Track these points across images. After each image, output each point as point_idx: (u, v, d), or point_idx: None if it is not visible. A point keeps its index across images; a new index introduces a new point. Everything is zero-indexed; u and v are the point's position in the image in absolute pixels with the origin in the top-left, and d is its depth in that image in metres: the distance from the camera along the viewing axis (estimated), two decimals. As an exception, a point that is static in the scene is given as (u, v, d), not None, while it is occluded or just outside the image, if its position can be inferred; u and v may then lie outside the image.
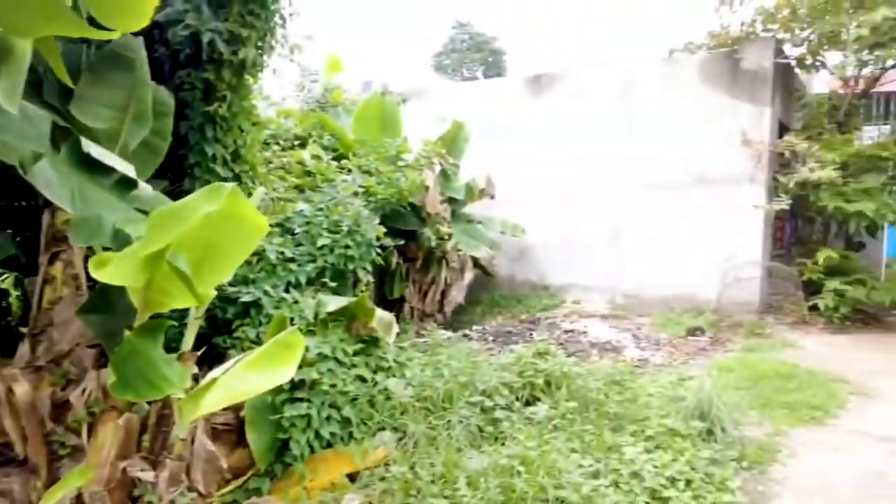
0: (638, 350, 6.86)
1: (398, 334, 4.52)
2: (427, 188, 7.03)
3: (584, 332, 7.69)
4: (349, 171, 6.50)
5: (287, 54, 4.73)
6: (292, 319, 3.81)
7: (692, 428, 3.84)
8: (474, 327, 8.19)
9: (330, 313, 4.01)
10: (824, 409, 4.63)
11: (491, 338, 7.57)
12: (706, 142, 8.38)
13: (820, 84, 11.34)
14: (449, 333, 7.55)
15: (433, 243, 7.37)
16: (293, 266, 4.46)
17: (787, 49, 8.73)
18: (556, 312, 8.89)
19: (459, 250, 8.15)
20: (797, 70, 9.02)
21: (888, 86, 10.51)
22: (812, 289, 7.83)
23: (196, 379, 2.85)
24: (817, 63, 9.00)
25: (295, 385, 3.46)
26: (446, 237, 7.70)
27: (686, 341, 7.20)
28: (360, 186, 6.04)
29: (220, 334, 4.01)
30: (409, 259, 7.53)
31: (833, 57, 8.76)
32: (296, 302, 4.12)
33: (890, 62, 8.49)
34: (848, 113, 8.80)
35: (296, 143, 6.95)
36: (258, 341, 3.71)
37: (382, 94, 9.34)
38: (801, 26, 8.46)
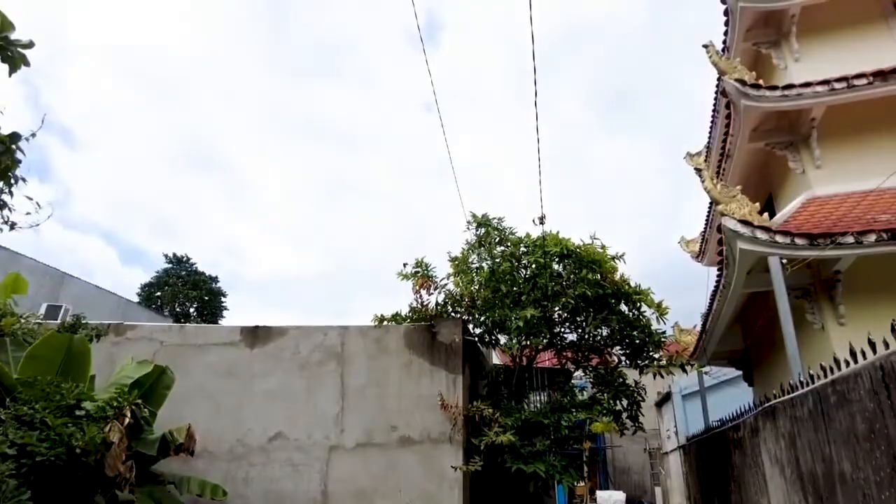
0: None
1: None
2: (110, 445, 5.87)
3: None
4: (1, 421, 5.13)
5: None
6: None
7: None
8: None
9: None
10: None
11: None
12: (411, 403, 9.12)
13: (497, 358, 13.88)
14: None
15: (104, 516, 5.90)
16: None
17: (472, 328, 10.66)
18: None
19: (139, 523, 6.65)
20: (480, 345, 10.95)
21: (543, 364, 13.53)
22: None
23: None
24: (492, 341, 11.16)
25: None
26: (124, 506, 6.30)
27: None
28: (13, 444, 4.76)
29: None
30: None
31: (503, 338, 10.99)
32: None
33: (540, 347, 10.99)
34: (518, 383, 10.74)
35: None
36: None
37: (72, 326, 8.12)
38: (479, 313, 10.59)
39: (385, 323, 10.30)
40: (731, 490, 7.85)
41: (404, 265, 10.64)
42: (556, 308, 10.51)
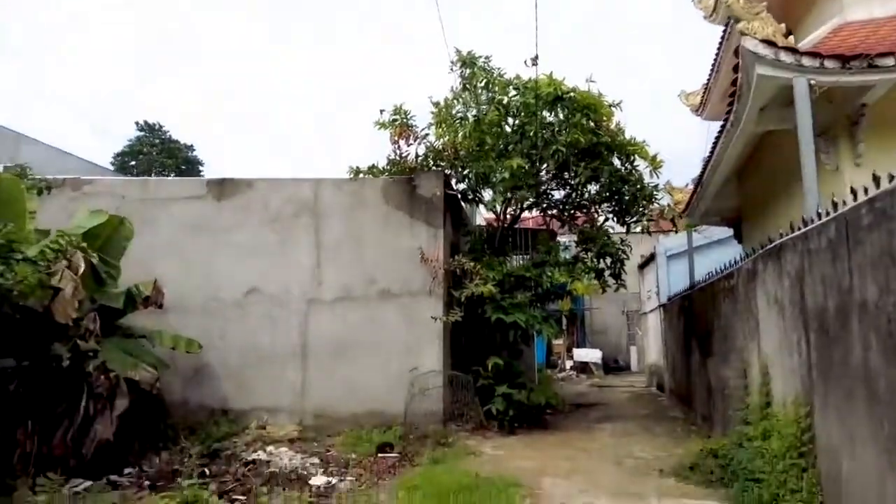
0: (325, 476, 6.17)
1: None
2: (58, 290, 5.41)
3: (268, 462, 6.71)
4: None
5: None
6: None
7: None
8: (127, 470, 6.41)
9: None
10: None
11: (148, 483, 5.97)
12: (390, 257, 8.73)
13: (480, 219, 13.44)
14: (88, 483, 5.71)
15: (66, 362, 5.64)
16: None
17: (454, 183, 10.02)
18: (237, 441, 7.66)
19: (110, 371, 6.44)
20: (463, 203, 10.38)
21: (526, 224, 13.12)
22: (486, 394, 8.44)
23: None
24: (476, 198, 10.52)
25: None
26: (90, 354, 6.05)
27: (376, 460, 6.81)
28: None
29: None
30: (33, 386, 5.58)
31: (487, 195, 10.37)
32: None
33: (526, 204, 10.46)
34: (501, 241, 10.39)
35: None
36: None
37: (16, 177, 7.36)
38: (462, 165, 9.86)
39: (361, 176, 9.61)
40: (713, 340, 7.80)
41: (381, 112, 9.71)
42: (545, 162, 9.84)
